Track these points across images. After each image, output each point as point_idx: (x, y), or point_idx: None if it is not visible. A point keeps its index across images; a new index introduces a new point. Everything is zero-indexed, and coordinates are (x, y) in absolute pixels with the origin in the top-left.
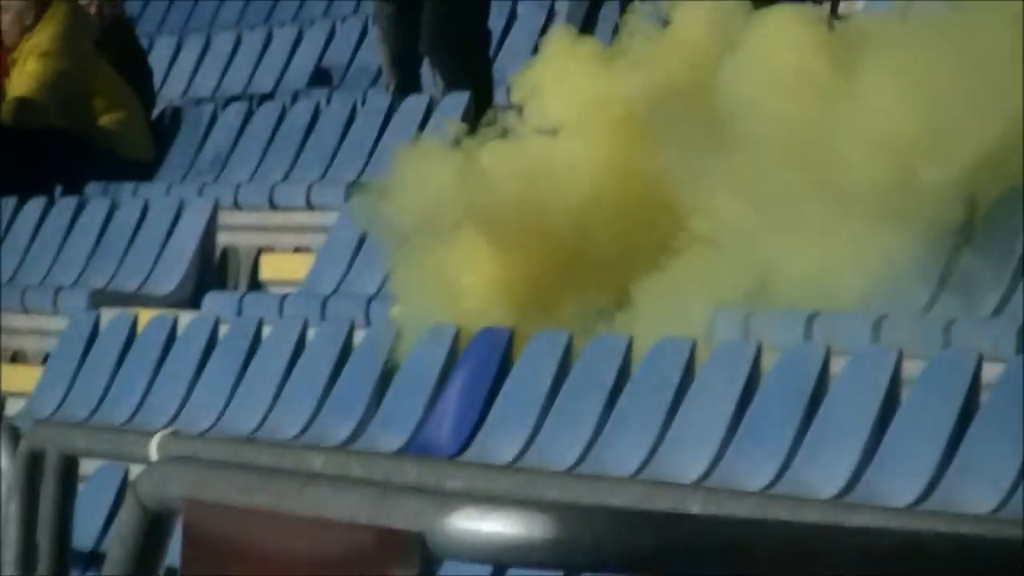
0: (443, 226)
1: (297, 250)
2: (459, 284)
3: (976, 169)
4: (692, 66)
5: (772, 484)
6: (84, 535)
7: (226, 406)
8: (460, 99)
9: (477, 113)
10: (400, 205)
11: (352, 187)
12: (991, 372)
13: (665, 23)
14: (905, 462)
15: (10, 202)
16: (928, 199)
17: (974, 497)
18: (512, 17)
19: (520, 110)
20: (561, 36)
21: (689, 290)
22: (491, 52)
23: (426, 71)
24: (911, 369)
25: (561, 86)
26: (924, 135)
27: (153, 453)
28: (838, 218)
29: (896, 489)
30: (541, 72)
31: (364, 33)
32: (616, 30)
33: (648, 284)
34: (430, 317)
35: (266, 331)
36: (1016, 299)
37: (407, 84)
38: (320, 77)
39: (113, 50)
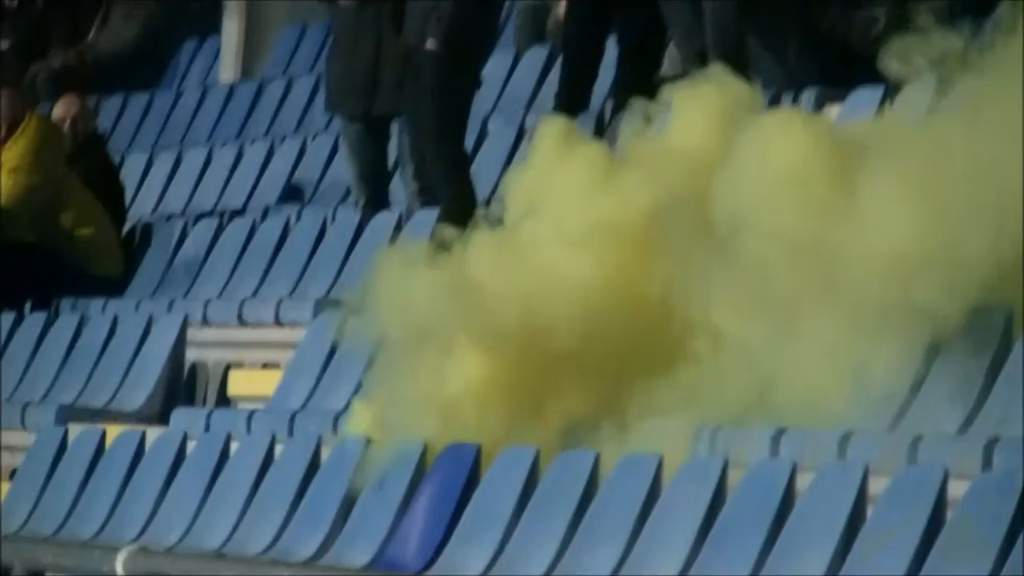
0: (434, 339)
1: (265, 366)
2: (451, 396)
3: (971, 289)
4: (691, 175)
5: None
6: None
7: (194, 521)
8: (430, 215)
9: (459, 223)
10: (386, 315)
11: (321, 303)
12: (957, 489)
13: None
14: None
15: None
16: (922, 317)
17: None
18: (483, 135)
19: (506, 215)
20: (556, 137)
21: (680, 408)
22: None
23: (396, 187)
24: (877, 485)
25: (560, 194)
26: (924, 253)
27: (119, 568)
28: (836, 334)
29: None
30: (537, 177)
31: (335, 150)
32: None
33: (641, 401)
34: (412, 430)
35: (234, 446)
36: (982, 416)
37: (376, 200)
38: (291, 193)
39: (85, 166)
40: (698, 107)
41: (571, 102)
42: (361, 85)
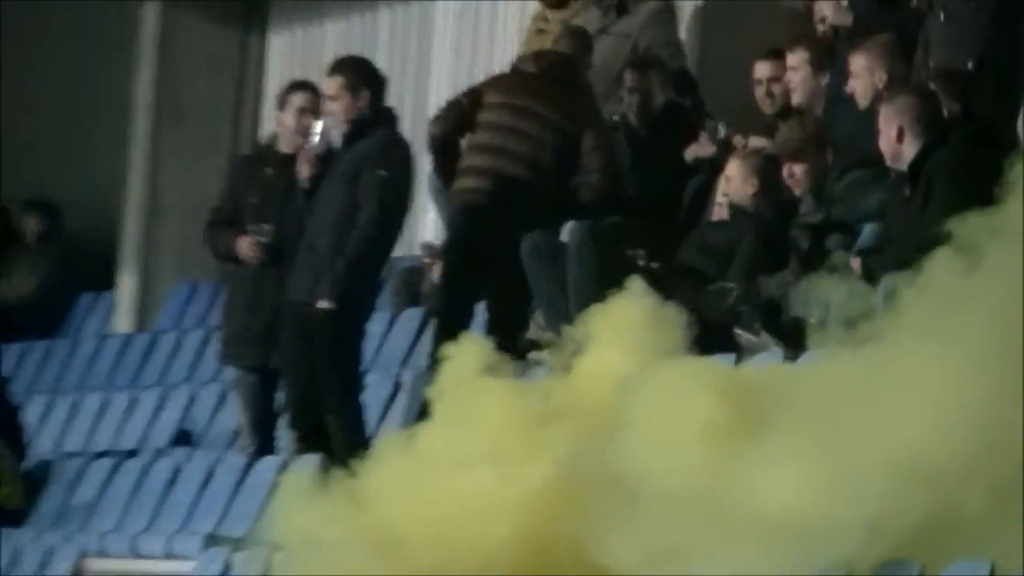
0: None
1: None
2: None
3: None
4: (596, 424)
5: None
6: None
7: None
8: (311, 460)
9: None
10: (285, 538)
11: (209, 538)
12: None
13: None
14: None
15: None
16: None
17: None
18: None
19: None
20: (471, 357)
21: None
22: None
23: (281, 434)
24: None
25: (473, 424)
26: (815, 510)
27: None
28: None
29: None
30: (454, 400)
31: (222, 398)
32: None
33: None
34: None
35: None
36: None
37: (264, 446)
38: (181, 437)
39: None
40: (613, 327)
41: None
42: (259, 339)
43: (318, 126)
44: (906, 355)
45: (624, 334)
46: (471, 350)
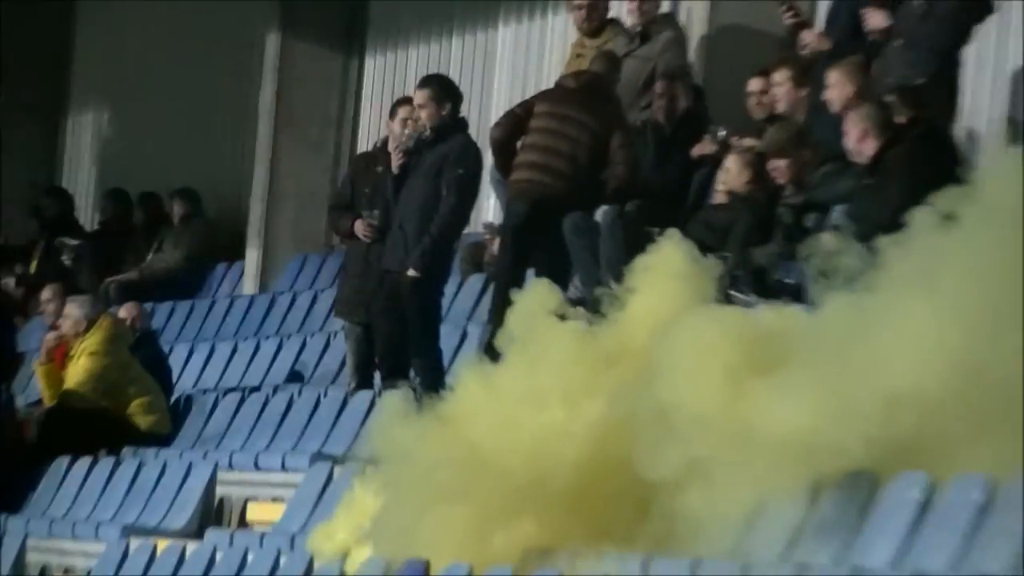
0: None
1: (274, 500)
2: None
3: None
4: (641, 364)
5: None
6: None
7: None
8: (398, 392)
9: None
10: (391, 470)
11: (315, 456)
12: None
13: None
14: None
15: (64, 461)
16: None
17: None
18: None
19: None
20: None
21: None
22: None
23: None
24: None
25: (543, 362)
26: (815, 433)
27: None
28: (743, 486)
29: None
30: (525, 339)
31: (327, 346)
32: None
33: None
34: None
35: (250, 557)
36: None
37: (362, 383)
38: (294, 376)
39: (142, 353)
40: (656, 277)
41: (499, 317)
42: (366, 300)
43: (409, 129)
44: (894, 301)
45: (665, 283)
46: (539, 295)
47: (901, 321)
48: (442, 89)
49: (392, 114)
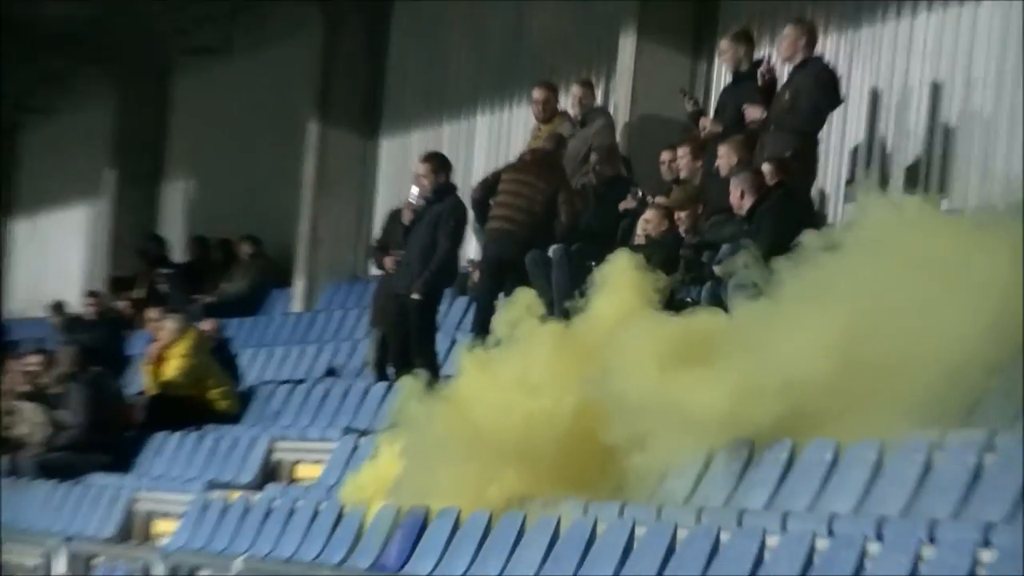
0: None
1: (315, 462)
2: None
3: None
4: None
5: None
6: None
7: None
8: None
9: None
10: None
11: (345, 429)
12: None
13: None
14: None
15: (162, 434)
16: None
17: None
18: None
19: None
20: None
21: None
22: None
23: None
24: None
25: (535, 358)
26: (738, 406)
27: (237, 567)
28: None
29: None
30: (514, 335)
31: (353, 349)
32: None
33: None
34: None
35: (298, 505)
36: None
37: (380, 376)
38: (330, 371)
39: (219, 355)
40: (613, 286)
41: (481, 328)
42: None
43: (415, 192)
44: (790, 307)
45: (619, 289)
46: (525, 302)
47: (795, 322)
48: (439, 162)
49: (414, 179)
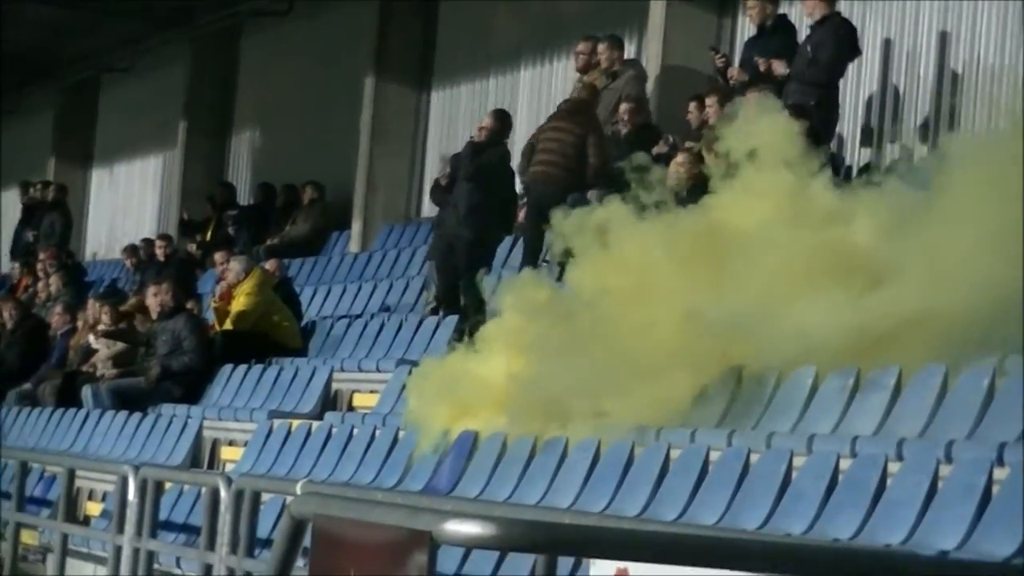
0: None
1: (372, 392)
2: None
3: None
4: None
5: None
6: None
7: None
8: (453, 317)
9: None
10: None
11: (399, 361)
12: None
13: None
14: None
15: (229, 367)
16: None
17: None
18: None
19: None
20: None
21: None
22: None
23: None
24: None
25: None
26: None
27: (299, 490)
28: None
29: None
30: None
31: (406, 286)
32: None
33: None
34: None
35: (355, 431)
36: None
37: (435, 310)
38: (384, 307)
39: (282, 293)
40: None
41: (533, 258)
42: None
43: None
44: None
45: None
46: (525, 283)
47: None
48: (500, 116)
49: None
